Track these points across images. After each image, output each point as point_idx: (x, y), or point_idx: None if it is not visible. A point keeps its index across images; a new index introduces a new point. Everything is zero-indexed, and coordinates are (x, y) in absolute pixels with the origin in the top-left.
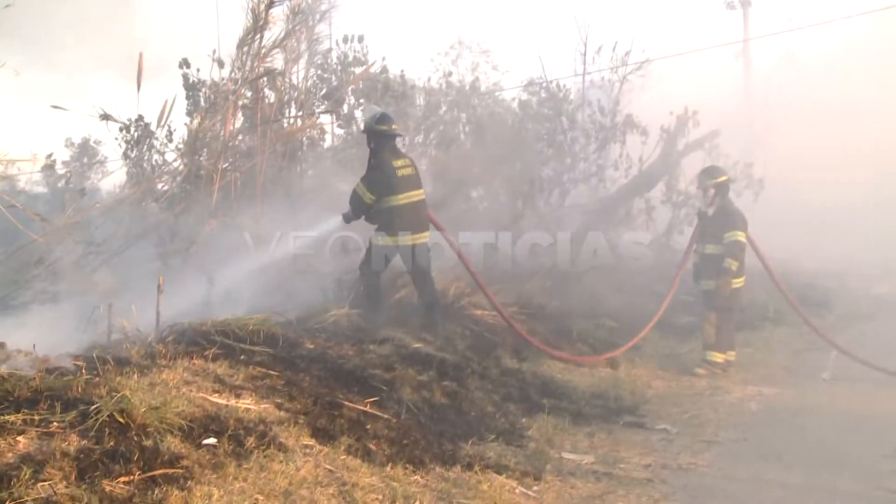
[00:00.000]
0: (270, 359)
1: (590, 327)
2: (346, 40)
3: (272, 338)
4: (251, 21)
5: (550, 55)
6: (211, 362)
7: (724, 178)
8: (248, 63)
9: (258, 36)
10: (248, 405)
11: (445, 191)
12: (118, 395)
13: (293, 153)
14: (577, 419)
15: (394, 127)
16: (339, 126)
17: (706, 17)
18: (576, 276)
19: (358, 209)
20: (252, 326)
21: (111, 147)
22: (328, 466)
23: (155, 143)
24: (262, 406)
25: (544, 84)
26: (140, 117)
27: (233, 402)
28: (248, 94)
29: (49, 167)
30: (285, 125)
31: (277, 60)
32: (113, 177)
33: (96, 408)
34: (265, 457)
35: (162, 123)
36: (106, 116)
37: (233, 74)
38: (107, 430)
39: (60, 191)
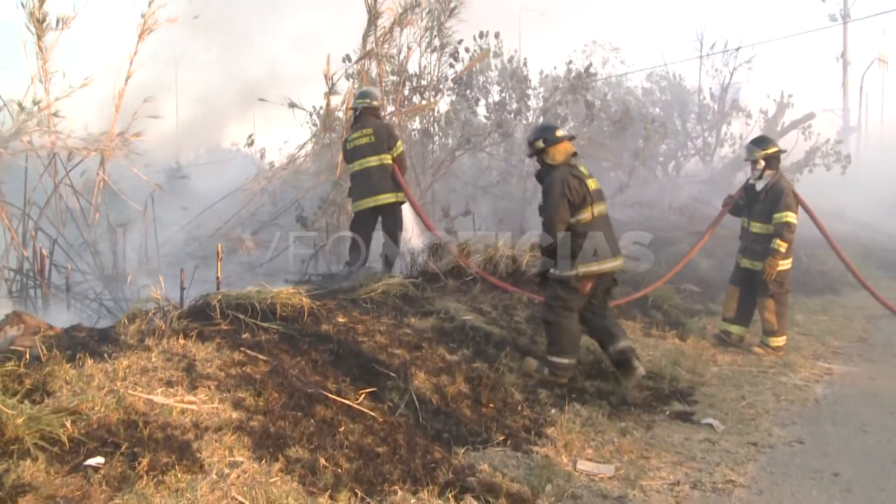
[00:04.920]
0: (275, 338)
1: (669, 293)
2: (481, 35)
3: (298, 311)
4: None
5: (670, 50)
6: (198, 342)
7: (774, 148)
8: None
9: (373, 27)
10: (192, 404)
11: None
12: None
13: (425, 129)
14: (616, 409)
15: (358, 102)
16: (469, 107)
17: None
18: (668, 240)
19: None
20: (272, 299)
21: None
22: (239, 498)
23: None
24: (215, 404)
25: (665, 74)
26: (328, 103)
27: (178, 398)
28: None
29: (249, 145)
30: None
31: (396, 48)
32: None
33: None
34: (157, 483)
35: (349, 107)
36: (292, 105)
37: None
38: None
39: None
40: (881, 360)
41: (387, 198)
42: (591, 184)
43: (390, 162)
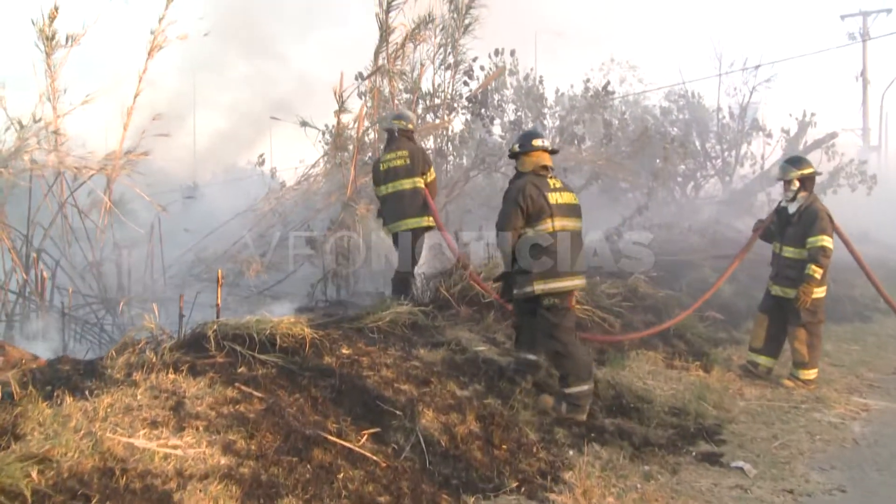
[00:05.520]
0: (273, 372)
1: (692, 320)
2: (496, 53)
3: (300, 342)
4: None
5: (689, 69)
6: (189, 377)
7: (810, 169)
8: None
9: (385, 43)
10: (176, 448)
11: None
12: None
13: (439, 148)
14: (639, 450)
15: (394, 122)
16: (484, 126)
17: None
18: (691, 265)
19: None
20: (271, 330)
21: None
22: None
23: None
24: (202, 448)
25: (683, 93)
26: (339, 121)
27: (161, 442)
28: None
29: (259, 164)
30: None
31: (409, 65)
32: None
33: None
34: None
35: (360, 128)
36: (304, 123)
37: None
38: None
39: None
40: None
41: (413, 222)
42: (558, 197)
43: (422, 186)
